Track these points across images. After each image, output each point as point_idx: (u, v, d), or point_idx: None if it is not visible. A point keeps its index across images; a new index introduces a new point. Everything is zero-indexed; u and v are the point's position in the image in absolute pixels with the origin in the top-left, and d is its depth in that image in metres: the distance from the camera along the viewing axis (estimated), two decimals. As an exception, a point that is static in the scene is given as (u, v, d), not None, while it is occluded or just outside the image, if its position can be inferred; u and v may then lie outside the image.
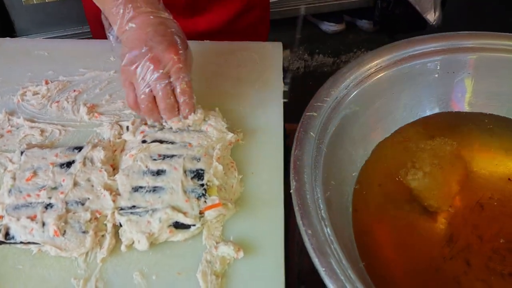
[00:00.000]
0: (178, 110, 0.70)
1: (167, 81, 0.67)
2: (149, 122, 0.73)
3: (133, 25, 0.68)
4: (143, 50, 0.66)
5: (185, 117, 0.71)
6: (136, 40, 0.67)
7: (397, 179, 0.77)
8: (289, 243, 0.79)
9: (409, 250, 0.70)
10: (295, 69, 2.24)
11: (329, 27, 2.47)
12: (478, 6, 2.54)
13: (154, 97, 0.68)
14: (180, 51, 0.67)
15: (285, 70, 0.87)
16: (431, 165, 0.78)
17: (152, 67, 0.66)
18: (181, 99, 0.69)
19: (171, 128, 0.72)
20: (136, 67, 0.67)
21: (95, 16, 0.94)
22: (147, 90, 0.67)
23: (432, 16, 2.10)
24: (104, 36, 0.74)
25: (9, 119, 0.77)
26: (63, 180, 0.65)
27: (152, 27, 0.68)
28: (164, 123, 0.72)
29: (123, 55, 0.68)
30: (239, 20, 1.05)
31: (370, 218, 0.73)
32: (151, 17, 0.68)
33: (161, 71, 0.66)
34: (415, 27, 2.20)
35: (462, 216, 0.73)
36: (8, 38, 0.96)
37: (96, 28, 1.05)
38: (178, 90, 0.68)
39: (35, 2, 1.89)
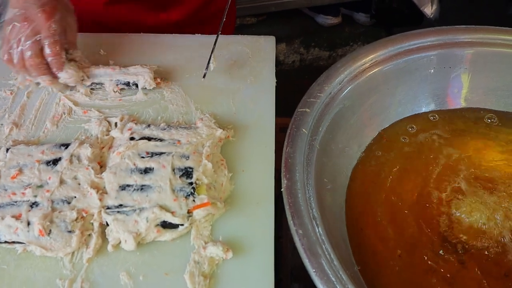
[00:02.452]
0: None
1: (33, 40, 0.71)
2: (19, 79, 0.78)
3: None
4: (19, 11, 0.71)
5: (55, 76, 0.75)
6: (16, 1, 0.72)
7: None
8: (283, 240, 0.78)
9: (404, 250, 0.69)
10: (290, 63, 2.22)
11: (325, 20, 2.44)
12: (476, -2, 2.52)
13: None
14: (55, 17, 0.72)
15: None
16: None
17: (22, 26, 0.71)
18: (49, 59, 0.73)
19: (159, 125, 0.70)
20: (11, 26, 0.71)
21: None
22: (18, 48, 0.71)
23: (429, 9, 2.08)
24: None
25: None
26: (49, 178, 0.64)
27: None
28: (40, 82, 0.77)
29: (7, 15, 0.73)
30: (207, 7, 1.07)
31: (364, 217, 0.72)
32: None
33: (28, 30, 0.71)
34: (412, 20, 2.18)
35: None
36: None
37: None
38: (46, 50, 0.72)
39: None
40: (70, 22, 0.76)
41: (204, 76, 0.77)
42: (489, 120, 0.84)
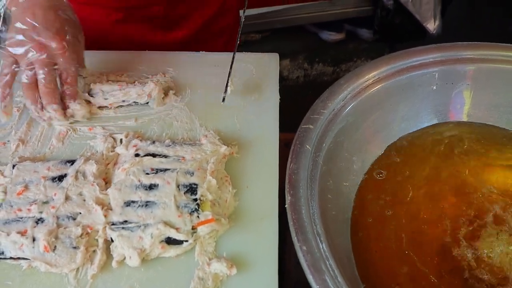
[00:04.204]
0: (62, 99, 0.74)
1: (50, 68, 0.70)
2: (27, 104, 0.75)
3: (23, 2, 0.69)
4: (29, 34, 0.69)
5: (66, 106, 0.75)
6: (24, 21, 0.69)
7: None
8: (286, 255, 0.78)
9: (409, 266, 0.68)
10: (294, 78, 2.23)
11: (329, 36, 2.46)
12: (478, 15, 2.53)
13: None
14: (68, 38, 0.70)
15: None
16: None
17: (36, 52, 0.69)
18: (64, 87, 0.73)
19: (164, 142, 0.71)
20: (24, 50, 0.69)
21: None
22: (30, 73, 0.70)
23: (432, 25, 2.09)
24: None
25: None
26: (55, 194, 0.65)
27: (41, 10, 0.69)
28: (46, 112, 0.75)
29: (10, 33, 0.70)
30: (211, 25, 1.07)
31: (369, 234, 0.72)
32: None
33: (44, 56, 0.69)
34: (415, 36, 2.20)
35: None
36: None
37: None
38: (63, 77, 0.73)
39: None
40: (80, 41, 0.76)
41: (223, 100, 0.78)
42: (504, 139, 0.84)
